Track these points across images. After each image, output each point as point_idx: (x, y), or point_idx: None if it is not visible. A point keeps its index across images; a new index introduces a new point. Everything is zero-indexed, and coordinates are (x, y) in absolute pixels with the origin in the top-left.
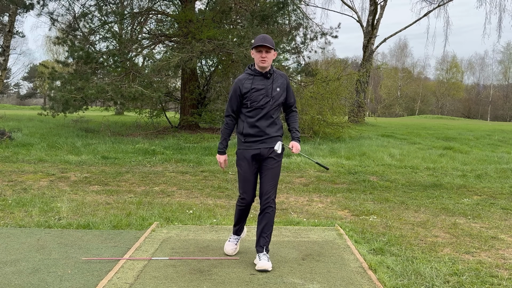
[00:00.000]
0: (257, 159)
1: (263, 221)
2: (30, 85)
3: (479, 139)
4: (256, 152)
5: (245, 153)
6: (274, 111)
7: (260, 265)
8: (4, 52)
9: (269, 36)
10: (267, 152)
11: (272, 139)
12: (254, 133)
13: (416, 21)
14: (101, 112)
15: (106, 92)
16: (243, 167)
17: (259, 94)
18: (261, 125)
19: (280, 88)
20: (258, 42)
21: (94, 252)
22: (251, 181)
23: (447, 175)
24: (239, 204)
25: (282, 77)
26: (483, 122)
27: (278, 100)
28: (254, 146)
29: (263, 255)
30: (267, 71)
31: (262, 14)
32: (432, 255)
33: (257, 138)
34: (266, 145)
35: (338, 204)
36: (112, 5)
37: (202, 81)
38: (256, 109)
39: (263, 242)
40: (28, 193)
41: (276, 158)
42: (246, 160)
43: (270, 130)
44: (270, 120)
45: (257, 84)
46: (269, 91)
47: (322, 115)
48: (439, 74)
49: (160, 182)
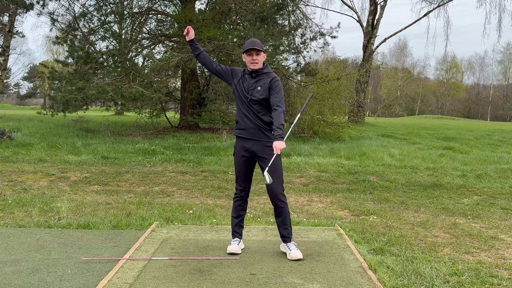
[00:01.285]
0: (250, 153)
1: (279, 217)
2: (30, 85)
3: (479, 139)
4: (246, 146)
5: (237, 143)
6: (258, 108)
7: (292, 255)
8: (4, 52)
9: (258, 40)
10: (257, 148)
11: (258, 133)
12: (240, 121)
13: (416, 21)
14: (101, 112)
15: (107, 92)
16: (235, 158)
17: (241, 89)
18: (245, 116)
19: (262, 87)
20: (248, 46)
21: (94, 252)
22: (241, 172)
23: (447, 175)
24: (235, 195)
25: (268, 77)
26: (483, 122)
27: (256, 97)
28: (242, 134)
29: (291, 244)
30: (254, 71)
31: (261, 15)
32: (432, 255)
33: (243, 127)
34: (252, 139)
35: (338, 204)
36: (112, 5)
37: (202, 81)
38: (239, 102)
39: (286, 232)
40: (28, 193)
41: (270, 157)
42: (238, 150)
43: (253, 123)
44: (253, 114)
45: (243, 81)
46: (250, 89)
47: (322, 115)
48: (439, 74)
49: (160, 182)
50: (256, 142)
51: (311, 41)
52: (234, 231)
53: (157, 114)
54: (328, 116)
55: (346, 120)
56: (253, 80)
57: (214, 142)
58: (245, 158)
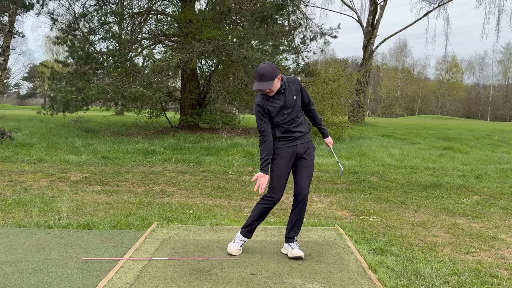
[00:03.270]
0: (292, 157)
1: (297, 215)
2: (30, 85)
3: (479, 139)
4: (292, 150)
5: (281, 151)
6: (297, 115)
7: (294, 252)
8: (4, 52)
9: (267, 68)
10: (302, 149)
11: (304, 136)
12: (286, 136)
13: (416, 21)
14: (101, 112)
15: (107, 92)
16: (278, 164)
17: (278, 111)
18: (290, 129)
19: (295, 95)
20: (255, 87)
21: (94, 252)
22: (284, 179)
23: (447, 175)
24: (267, 202)
25: (294, 83)
26: (483, 122)
27: (296, 107)
28: (288, 144)
29: (294, 244)
30: (278, 89)
31: (261, 15)
32: (432, 255)
33: (289, 138)
34: (300, 141)
35: (338, 204)
36: (112, 5)
37: (202, 81)
38: (281, 124)
39: (294, 233)
40: (28, 193)
41: (309, 157)
42: (282, 157)
43: (299, 129)
44: (297, 122)
45: (273, 102)
46: (287, 103)
47: (322, 115)
48: (439, 74)
49: (160, 182)
50: (304, 146)
51: (311, 41)
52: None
53: (157, 114)
54: (328, 116)
55: (346, 120)
56: (282, 95)
57: (214, 142)
58: (291, 166)
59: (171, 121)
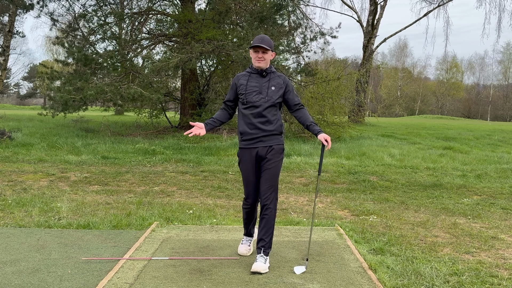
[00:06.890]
0: (256, 159)
1: (262, 224)
2: (30, 85)
3: (479, 139)
4: (254, 152)
5: (244, 153)
6: (270, 109)
7: (253, 267)
8: (4, 52)
9: (268, 37)
10: (265, 152)
11: (269, 137)
12: (250, 131)
13: (416, 21)
14: (101, 112)
15: (105, 93)
16: (243, 168)
17: (253, 91)
18: (256, 122)
19: (276, 87)
20: (256, 43)
21: (94, 252)
22: (252, 182)
23: (447, 175)
24: (244, 206)
25: (280, 77)
26: (483, 122)
27: (273, 99)
28: (251, 145)
29: (260, 256)
30: (264, 70)
31: (260, 15)
32: (432, 255)
33: (253, 136)
34: (263, 144)
35: (338, 204)
36: (112, 5)
37: (202, 81)
38: (250, 107)
39: (261, 244)
40: (28, 193)
41: (274, 158)
42: (246, 161)
43: (265, 128)
44: (265, 118)
45: (252, 82)
46: (263, 89)
47: (322, 115)
48: (439, 74)
49: (160, 182)
50: (268, 148)
51: (311, 41)
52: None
53: (157, 114)
54: (329, 116)
55: (346, 120)
56: (264, 79)
57: (214, 142)
58: (256, 168)
59: (171, 121)
